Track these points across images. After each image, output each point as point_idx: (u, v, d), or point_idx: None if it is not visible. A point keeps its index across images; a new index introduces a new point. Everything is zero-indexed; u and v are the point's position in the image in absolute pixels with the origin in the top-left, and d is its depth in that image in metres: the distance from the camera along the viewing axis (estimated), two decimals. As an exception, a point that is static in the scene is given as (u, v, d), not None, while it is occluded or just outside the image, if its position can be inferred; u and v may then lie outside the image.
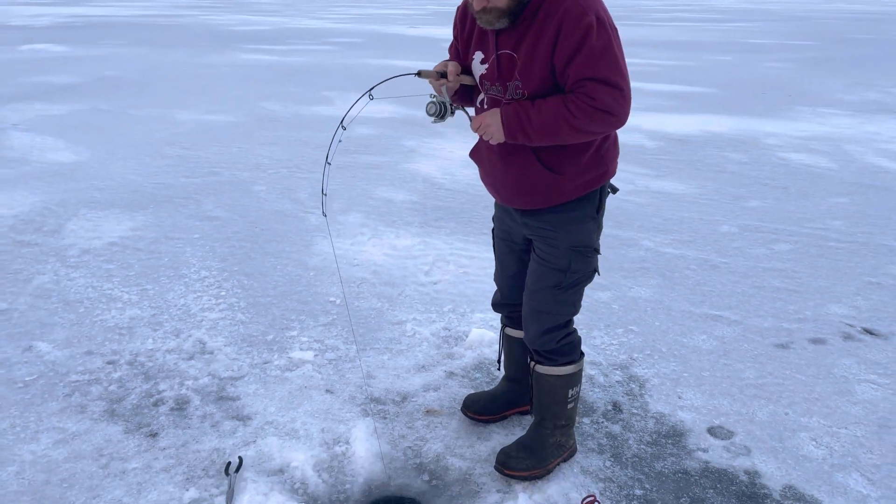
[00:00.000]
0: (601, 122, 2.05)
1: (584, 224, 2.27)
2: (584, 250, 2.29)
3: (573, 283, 2.32)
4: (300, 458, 2.53)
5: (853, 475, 2.53)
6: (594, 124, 2.06)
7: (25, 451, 2.56)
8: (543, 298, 2.34)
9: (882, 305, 3.87)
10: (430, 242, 4.63)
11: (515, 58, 2.10)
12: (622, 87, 2.02)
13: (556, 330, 2.38)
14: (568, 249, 2.27)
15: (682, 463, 2.58)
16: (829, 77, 13.34)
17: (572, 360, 2.43)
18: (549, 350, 2.39)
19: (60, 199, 5.33)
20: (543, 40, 2.03)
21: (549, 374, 2.42)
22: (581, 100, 2.02)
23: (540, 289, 2.34)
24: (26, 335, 3.35)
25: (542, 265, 2.32)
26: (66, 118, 8.34)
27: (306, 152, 7.00)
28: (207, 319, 3.54)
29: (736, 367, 3.23)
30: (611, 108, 2.02)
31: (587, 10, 1.98)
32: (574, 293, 2.36)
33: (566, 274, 2.29)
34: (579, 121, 2.04)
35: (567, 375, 2.43)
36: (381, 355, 3.27)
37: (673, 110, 9.81)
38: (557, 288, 2.31)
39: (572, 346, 2.44)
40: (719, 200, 5.72)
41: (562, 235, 2.27)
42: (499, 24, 2.09)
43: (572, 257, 2.28)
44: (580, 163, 2.19)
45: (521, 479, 2.43)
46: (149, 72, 12.38)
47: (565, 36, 2.00)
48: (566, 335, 2.41)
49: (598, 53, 1.99)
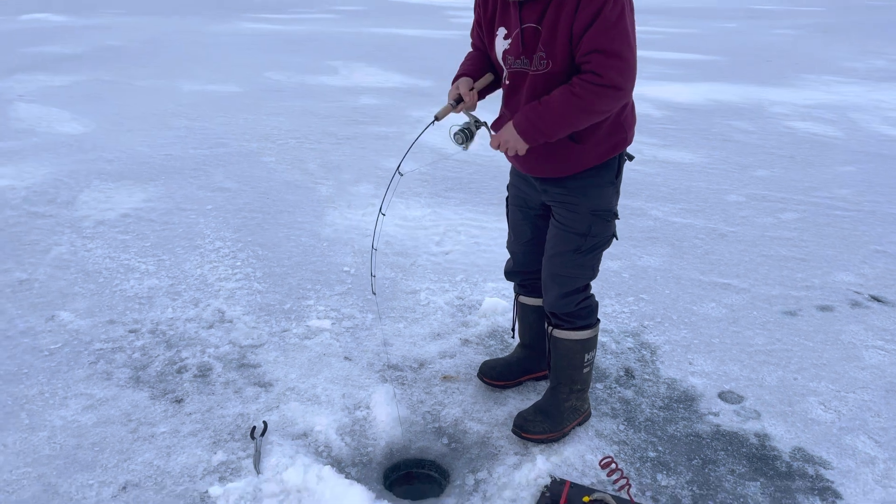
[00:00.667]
0: (609, 97, 2.10)
1: (604, 189, 2.32)
2: (605, 214, 2.34)
3: (592, 247, 2.37)
4: (323, 422, 2.60)
5: (861, 438, 2.60)
6: (603, 101, 2.10)
7: (55, 416, 2.63)
8: (563, 263, 2.39)
9: (888, 273, 3.92)
10: (441, 213, 4.67)
11: (539, 30, 2.13)
12: (627, 58, 2.06)
13: (575, 293, 2.43)
14: (588, 214, 2.32)
15: (693, 426, 2.65)
16: (836, 44, 13.24)
17: (589, 323, 2.49)
18: (568, 313, 2.45)
19: (71, 170, 5.36)
20: (565, 11, 2.07)
21: (567, 339, 2.48)
22: (587, 79, 2.07)
23: (559, 253, 2.39)
24: (48, 305, 3.41)
25: (562, 230, 2.37)
26: (70, 89, 8.33)
27: (313, 122, 7.00)
28: (225, 289, 3.60)
29: (745, 333, 3.29)
30: (615, 82, 2.06)
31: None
32: (593, 257, 2.41)
33: (586, 238, 2.34)
34: (588, 102, 2.08)
35: (584, 340, 2.49)
36: (396, 323, 3.33)
37: (679, 79, 9.77)
38: (577, 252, 2.36)
39: (590, 310, 2.49)
40: (726, 170, 5.74)
41: (582, 201, 2.31)
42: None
43: (592, 221, 2.33)
44: (601, 130, 2.23)
45: (538, 442, 2.50)
46: (151, 41, 12.30)
47: (584, 6, 2.04)
48: (584, 298, 2.47)
49: (610, 25, 2.03)
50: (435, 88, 8.81)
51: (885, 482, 2.39)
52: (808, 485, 2.37)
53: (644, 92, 8.72)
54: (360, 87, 8.82)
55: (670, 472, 2.41)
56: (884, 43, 13.53)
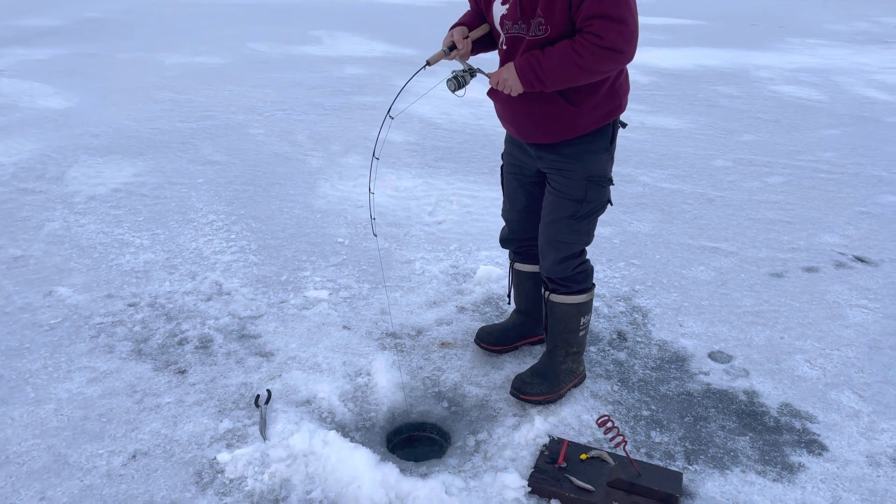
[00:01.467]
0: (609, 59, 2.12)
1: (599, 155, 2.36)
2: (600, 180, 2.39)
3: (588, 212, 2.42)
4: (325, 389, 2.66)
5: (846, 392, 2.70)
6: (602, 62, 2.12)
7: (60, 389, 2.67)
8: (560, 228, 2.44)
9: (872, 234, 4.01)
10: (432, 183, 4.70)
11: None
12: (628, 22, 2.08)
13: (571, 258, 2.49)
14: (584, 180, 2.36)
15: (685, 386, 2.74)
16: (820, 7, 13.25)
17: (585, 287, 2.56)
18: (565, 278, 2.51)
19: (58, 145, 5.32)
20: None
21: (563, 303, 2.55)
22: (588, 39, 2.08)
23: (556, 219, 2.44)
24: (45, 281, 3.43)
25: (558, 196, 2.41)
26: (52, 63, 8.20)
27: (300, 94, 6.97)
28: (221, 262, 3.63)
29: (733, 296, 3.37)
30: (616, 45, 2.08)
31: None
32: (589, 223, 2.46)
33: (582, 204, 2.39)
34: (587, 61, 2.10)
35: (580, 304, 2.55)
36: (393, 292, 3.38)
37: (665, 44, 9.77)
38: (573, 218, 2.41)
39: (586, 275, 2.56)
40: (713, 135, 5.80)
41: (578, 167, 2.35)
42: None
43: (588, 187, 2.37)
44: (597, 96, 2.26)
45: (535, 403, 2.58)
46: (131, 13, 12.09)
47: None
48: (581, 263, 2.53)
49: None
50: (419, 57, 8.74)
51: (868, 434, 2.48)
52: (796, 438, 2.46)
53: (630, 58, 8.72)
54: (345, 57, 8.76)
55: (663, 430, 2.49)
56: (866, 5, 13.56)
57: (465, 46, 2.32)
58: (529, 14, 2.19)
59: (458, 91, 2.32)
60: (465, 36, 2.33)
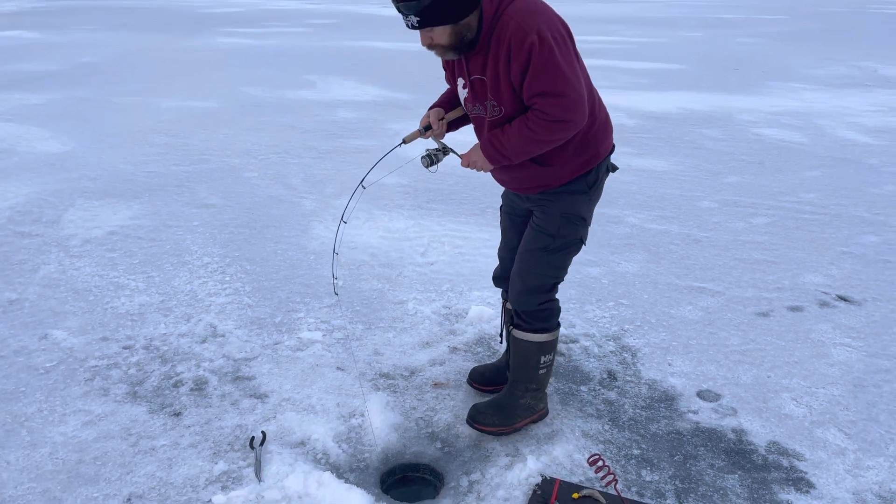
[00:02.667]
0: (559, 129, 2.24)
1: (575, 196, 2.47)
2: (572, 217, 2.49)
3: (559, 247, 2.51)
4: (320, 430, 2.69)
5: (831, 430, 2.75)
6: (554, 133, 2.25)
7: (55, 433, 2.69)
8: (530, 259, 2.54)
9: (855, 273, 4.11)
10: (424, 224, 4.78)
11: (485, 81, 2.30)
12: (567, 94, 2.18)
13: (538, 292, 2.56)
14: (558, 216, 2.48)
15: (674, 424, 2.78)
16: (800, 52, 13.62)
17: (547, 327, 2.62)
18: (527, 312, 2.58)
19: (54, 189, 5.38)
20: (500, 64, 2.22)
21: (524, 339, 2.62)
22: (536, 115, 2.22)
23: (529, 250, 2.54)
24: (40, 324, 3.46)
25: (534, 229, 2.53)
26: (48, 107, 8.31)
27: (294, 137, 7.08)
28: (215, 304, 3.67)
29: (720, 335, 3.44)
30: (561, 116, 2.20)
31: (528, 31, 2.15)
32: (560, 257, 2.54)
33: (554, 238, 2.49)
34: (540, 135, 2.24)
35: (540, 343, 2.62)
36: (386, 333, 3.43)
37: (649, 88, 10.00)
38: (544, 251, 2.51)
39: (550, 313, 2.62)
40: (698, 176, 5.93)
41: (555, 204, 2.47)
42: (449, 55, 2.30)
43: (561, 223, 2.48)
44: (566, 152, 2.38)
45: (489, 433, 2.66)
46: (126, 57, 12.29)
47: (514, 59, 2.19)
48: (547, 300, 2.60)
49: (542, 69, 2.16)
50: (411, 101, 8.93)
51: (854, 472, 2.53)
52: (783, 476, 2.50)
53: (616, 101, 8.93)
54: (338, 101, 8.92)
55: (654, 468, 2.53)
56: (842, 49, 13.95)
57: (439, 127, 2.51)
58: (483, 97, 2.34)
59: (430, 167, 2.51)
60: (441, 118, 2.50)
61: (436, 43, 2.24)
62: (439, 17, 2.16)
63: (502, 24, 2.18)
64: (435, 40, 2.23)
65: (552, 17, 2.23)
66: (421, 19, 2.16)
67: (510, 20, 2.17)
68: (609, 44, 14.73)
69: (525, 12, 2.18)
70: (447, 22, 2.18)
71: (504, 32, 2.18)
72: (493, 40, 2.22)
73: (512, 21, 2.16)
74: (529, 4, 2.21)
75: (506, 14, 2.18)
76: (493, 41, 2.22)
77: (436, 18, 2.16)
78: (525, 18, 2.16)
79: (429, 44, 2.26)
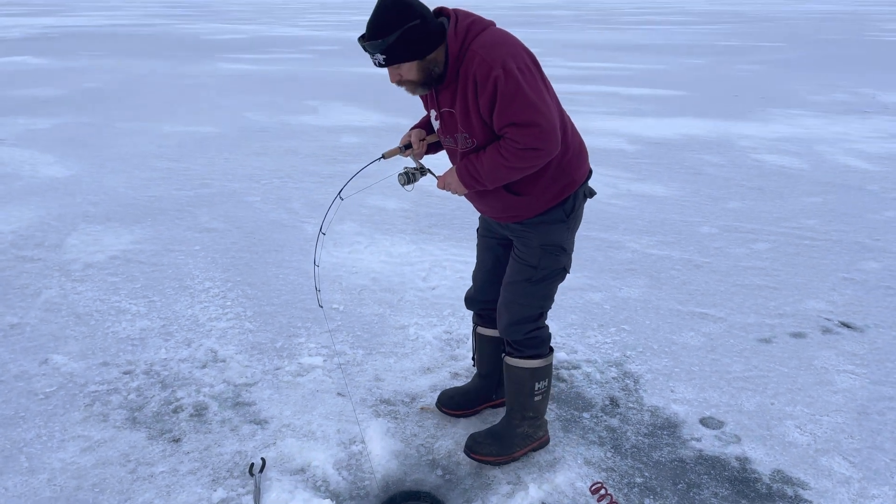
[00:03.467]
0: (532, 157, 2.25)
1: (553, 226, 2.47)
2: (553, 249, 2.49)
3: (542, 278, 2.52)
4: (320, 457, 2.67)
5: (836, 459, 2.72)
6: (527, 161, 2.26)
7: (54, 459, 2.67)
8: (515, 291, 2.55)
9: (857, 300, 4.10)
10: (426, 249, 4.79)
11: (455, 113, 2.33)
12: (539, 123, 2.19)
13: (525, 322, 2.56)
14: (538, 248, 2.48)
15: (677, 452, 2.76)
16: (799, 78, 13.72)
17: (539, 353, 2.62)
18: (517, 341, 2.59)
19: (57, 213, 5.40)
20: (468, 97, 2.25)
21: (517, 366, 2.62)
22: (509, 144, 2.24)
23: (513, 282, 2.55)
24: (41, 348, 3.45)
25: (517, 261, 2.54)
26: (52, 132, 8.37)
27: (296, 162, 7.12)
28: (216, 329, 3.66)
29: (723, 361, 3.42)
30: (533, 145, 2.22)
31: (493, 65, 2.17)
32: (544, 287, 2.55)
33: (536, 270, 2.50)
34: (513, 162, 2.26)
35: (533, 368, 2.61)
36: (387, 359, 3.42)
37: (650, 114, 10.06)
38: (528, 282, 2.52)
39: (540, 341, 2.62)
40: (699, 202, 5.94)
41: (534, 235, 2.48)
42: (419, 91, 2.34)
43: (542, 255, 2.49)
44: (541, 181, 2.39)
45: (487, 463, 2.64)
46: (130, 83, 12.40)
47: (481, 92, 2.21)
48: (535, 328, 2.59)
49: (510, 100, 2.18)
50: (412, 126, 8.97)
51: (859, 501, 2.50)
52: (788, 505, 2.48)
53: (617, 127, 8.99)
54: (340, 126, 8.98)
55: (657, 497, 2.51)
56: (841, 76, 14.06)
57: (419, 147, 2.53)
58: (453, 130, 2.38)
59: (407, 185, 2.54)
60: (422, 139, 2.53)
61: (405, 79, 2.28)
62: (405, 53, 2.20)
63: (468, 59, 2.21)
64: (403, 76, 2.27)
65: (517, 48, 2.25)
66: (387, 57, 2.20)
67: (475, 55, 2.19)
68: (610, 70, 14.85)
69: (489, 46, 2.20)
70: (414, 58, 2.22)
71: (470, 67, 2.20)
72: (460, 74, 2.25)
73: (477, 56, 2.19)
74: (494, 37, 2.24)
75: (471, 49, 2.21)
76: (460, 75, 2.25)
77: (402, 55, 2.20)
78: (489, 52, 2.18)
79: (398, 80, 2.29)
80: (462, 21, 2.25)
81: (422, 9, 2.20)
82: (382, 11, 2.16)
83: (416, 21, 2.16)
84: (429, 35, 2.20)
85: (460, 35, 2.23)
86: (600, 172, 6.76)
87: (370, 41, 2.17)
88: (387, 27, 2.15)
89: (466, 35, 2.23)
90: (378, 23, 2.16)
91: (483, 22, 2.29)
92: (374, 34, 2.16)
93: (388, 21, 2.15)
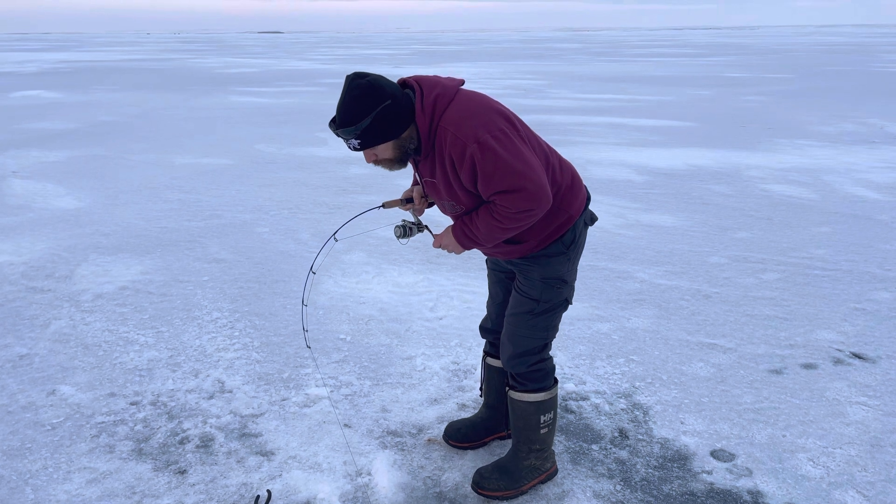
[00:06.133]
0: (525, 217, 2.26)
1: (553, 259, 2.47)
2: (554, 282, 2.49)
3: (545, 310, 2.51)
4: (326, 489, 2.65)
5: (850, 492, 2.67)
6: (521, 221, 2.27)
7: (60, 491, 2.66)
8: (518, 323, 2.54)
9: (868, 330, 4.06)
10: (433, 279, 4.79)
11: (436, 183, 2.35)
12: (525, 187, 2.18)
13: (529, 354, 2.55)
14: (539, 281, 2.48)
15: (688, 485, 2.72)
16: (806, 109, 13.77)
17: (544, 387, 2.60)
18: (521, 374, 2.57)
19: (68, 245, 5.45)
20: (447, 170, 2.26)
21: (521, 400, 2.60)
22: (500, 209, 2.25)
23: (516, 314, 2.54)
24: (49, 379, 3.46)
25: (519, 293, 2.54)
26: (65, 164, 8.49)
27: (305, 193, 7.17)
28: (224, 359, 3.66)
29: (733, 392, 3.39)
30: (525, 207, 2.22)
31: (466, 142, 2.16)
32: (546, 319, 2.54)
33: (538, 303, 2.50)
34: (507, 224, 2.27)
35: (538, 402, 2.59)
36: (394, 389, 3.40)
37: (657, 145, 10.11)
38: (531, 314, 2.51)
39: (544, 374, 2.60)
40: (707, 232, 5.93)
41: (535, 269, 2.48)
42: (396, 167, 2.35)
43: (542, 288, 2.48)
44: (538, 225, 2.39)
45: (495, 499, 2.60)
46: (142, 116, 12.58)
47: (460, 169, 2.22)
48: (539, 361, 2.58)
49: (491, 173, 2.17)
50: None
51: (875, 535, 2.45)
52: (802, 540, 2.43)
53: (625, 158, 9.02)
54: (349, 158, 9.05)
55: (668, 531, 2.46)
56: (848, 107, 14.10)
57: (419, 204, 2.54)
58: (438, 197, 2.41)
59: (402, 239, 2.55)
60: (423, 195, 2.53)
61: (381, 158, 2.28)
62: (378, 136, 2.19)
63: (440, 136, 2.21)
64: (380, 156, 2.27)
65: (487, 113, 2.22)
66: (362, 141, 2.19)
67: (446, 132, 2.19)
68: (619, 101, 14.96)
69: (458, 121, 2.18)
70: (387, 139, 2.22)
71: (444, 144, 2.20)
72: (435, 148, 2.25)
73: (448, 133, 2.18)
74: (461, 110, 2.21)
75: (441, 126, 2.20)
76: (436, 149, 2.25)
77: (375, 138, 2.20)
78: (459, 128, 2.17)
79: (374, 160, 2.30)
80: (428, 95, 2.22)
81: (391, 87, 2.18)
82: (353, 97, 2.14)
83: (387, 102, 2.14)
84: (400, 114, 2.19)
85: (427, 111, 2.21)
86: (608, 203, 6.78)
87: (343, 128, 2.16)
88: (359, 112, 2.13)
89: (434, 111, 2.21)
90: (349, 108, 2.15)
91: (448, 92, 2.24)
92: (347, 120, 2.16)
93: (361, 106, 2.13)
